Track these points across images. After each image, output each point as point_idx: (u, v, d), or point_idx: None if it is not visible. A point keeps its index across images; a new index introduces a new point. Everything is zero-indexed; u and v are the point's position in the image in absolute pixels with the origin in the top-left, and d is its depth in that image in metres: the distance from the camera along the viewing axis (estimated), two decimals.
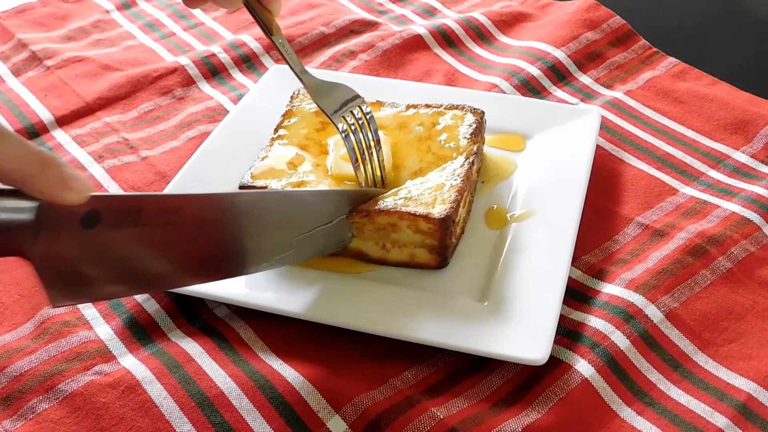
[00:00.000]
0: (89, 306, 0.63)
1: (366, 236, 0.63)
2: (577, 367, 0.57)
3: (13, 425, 0.55)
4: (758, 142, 0.76)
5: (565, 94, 0.83)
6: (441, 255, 0.62)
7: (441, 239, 0.61)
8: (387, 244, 0.63)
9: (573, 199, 0.67)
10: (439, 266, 0.63)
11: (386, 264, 0.63)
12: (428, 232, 0.61)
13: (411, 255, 0.63)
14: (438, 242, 0.61)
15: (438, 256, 0.62)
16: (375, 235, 0.62)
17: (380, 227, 0.62)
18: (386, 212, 0.61)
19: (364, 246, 0.63)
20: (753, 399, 0.56)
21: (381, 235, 0.62)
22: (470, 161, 0.66)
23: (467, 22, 0.93)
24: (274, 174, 0.66)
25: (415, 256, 0.63)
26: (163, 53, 0.92)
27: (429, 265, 0.63)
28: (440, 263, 0.63)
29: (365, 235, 0.63)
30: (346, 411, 0.55)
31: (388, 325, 0.58)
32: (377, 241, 0.63)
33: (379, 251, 0.63)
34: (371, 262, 0.64)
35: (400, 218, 0.61)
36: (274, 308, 0.60)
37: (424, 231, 0.61)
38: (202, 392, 0.56)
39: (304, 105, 0.73)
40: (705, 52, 0.90)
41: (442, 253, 0.62)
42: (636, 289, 0.62)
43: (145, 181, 0.74)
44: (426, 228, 0.61)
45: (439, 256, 0.62)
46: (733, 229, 0.67)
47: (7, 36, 0.94)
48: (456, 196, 0.63)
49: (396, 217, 0.61)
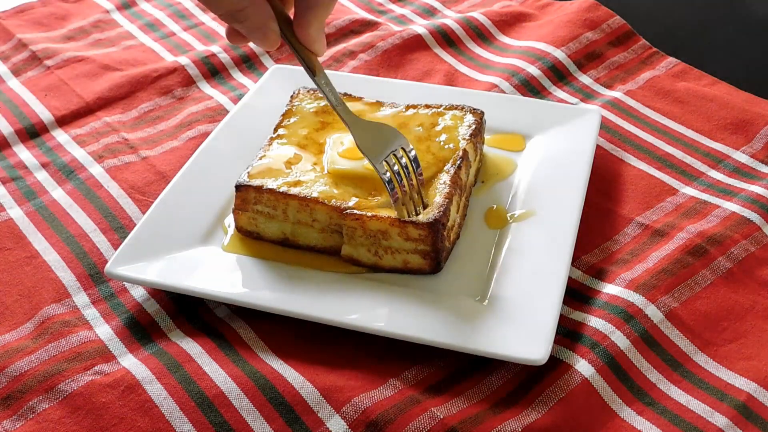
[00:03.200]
0: (89, 306, 0.63)
1: (357, 242, 0.62)
2: (577, 367, 0.57)
3: (13, 425, 0.55)
4: (758, 142, 0.76)
5: (565, 94, 0.83)
6: (434, 260, 0.62)
7: (433, 244, 0.61)
8: (379, 250, 0.62)
9: (573, 199, 0.67)
10: (432, 271, 0.63)
11: (380, 270, 0.63)
12: (419, 238, 0.61)
13: (404, 261, 0.62)
14: (430, 247, 0.61)
15: (431, 261, 0.62)
16: (366, 241, 0.62)
17: (371, 234, 0.62)
18: (377, 218, 0.61)
19: (356, 252, 0.63)
20: (753, 399, 0.56)
21: (372, 241, 0.62)
22: (456, 166, 0.65)
23: (467, 22, 0.93)
24: (271, 173, 0.66)
25: (408, 262, 0.62)
26: (163, 53, 0.92)
27: (423, 270, 0.63)
28: (434, 268, 0.62)
29: (356, 241, 0.62)
30: (346, 411, 0.55)
31: (388, 325, 0.58)
32: (369, 248, 0.63)
33: (371, 258, 0.63)
34: (365, 268, 0.64)
35: (391, 224, 0.61)
36: (274, 308, 0.60)
37: (415, 238, 0.61)
38: (202, 392, 0.56)
39: (303, 105, 0.73)
40: (705, 52, 0.90)
41: (435, 258, 0.62)
42: (636, 289, 0.62)
43: (145, 181, 0.74)
44: (416, 234, 0.61)
45: (432, 261, 0.62)
46: (733, 229, 0.67)
47: (7, 36, 0.94)
48: (444, 200, 0.62)
49: (387, 223, 0.61)
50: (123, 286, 0.65)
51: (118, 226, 0.70)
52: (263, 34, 0.57)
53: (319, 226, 0.64)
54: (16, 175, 0.76)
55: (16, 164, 0.77)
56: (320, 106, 0.73)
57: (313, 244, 0.65)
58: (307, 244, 0.65)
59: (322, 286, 0.62)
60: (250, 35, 0.57)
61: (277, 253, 0.65)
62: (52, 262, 0.67)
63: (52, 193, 0.74)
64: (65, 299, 0.64)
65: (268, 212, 0.65)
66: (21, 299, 0.64)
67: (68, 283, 0.65)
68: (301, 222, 0.64)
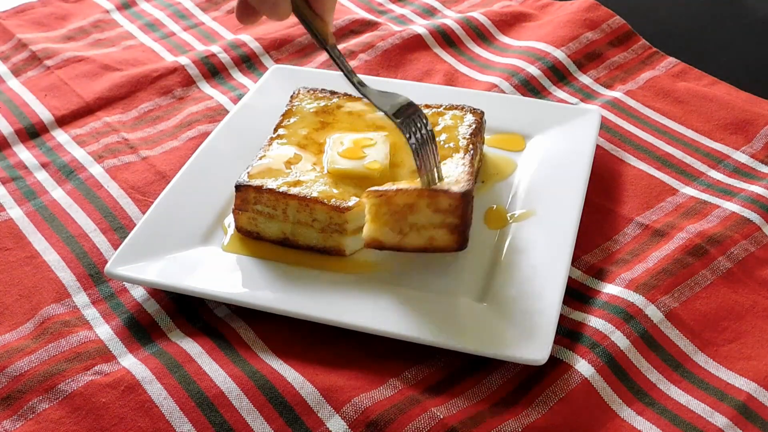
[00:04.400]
0: (89, 306, 0.63)
1: (381, 221, 0.61)
2: (577, 367, 0.57)
3: (13, 425, 0.55)
4: (758, 142, 0.76)
5: (565, 94, 0.83)
6: (462, 234, 0.61)
7: (462, 216, 0.60)
8: (404, 228, 0.61)
9: (573, 199, 0.67)
10: (459, 247, 0.61)
11: (403, 250, 0.62)
12: (449, 209, 0.60)
13: (430, 238, 0.61)
14: (460, 219, 0.60)
15: (459, 236, 0.61)
16: (391, 219, 0.61)
17: (397, 210, 0.61)
18: (404, 192, 0.60)
19: (379, 233, 0.61)
20: (753, 399, 0.56)
21: (397, 218, 0.61)
22: (470, 153, 0.66)
23: (467, 22, 0.93)
24: (271, 173, 0.66)
25: (434, 239, 0.61)
26: (163, 53, 0.92)
27: (449, 247, 0.61)
28: (461, 244, 0.61)
29: (381, 219, 0.61)
30: (346, 411, 0.55)
31: (388, 324, 0.58)
32: (393, 226, 0.61)
33: (395, 237, 0.61)
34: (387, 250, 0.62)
35: (419, 196, 0.60)
36: (274, 308, 0.60)
37: (444, 209, 0.60)
38: (202, 392, 0.56)
39: (303, 105, 0.73)
40: (705, 52, 0.90)
41: (463, 232, 0.61)
42: (636, 289, 0.62)
43: (145, 181, 0.74)
44: (446, 205, 0.60)
45: (460, 236, 0.61)
46: (733, 229, 0.67)
47: (7, 36, 0.94)
48: (469, 175, 0.62)
49: (415, 195, 0.60)
50: (123, 286, 0.65)
51: (118, 226, 0.70)
52: (274, 4, 0.57)
53: (319, 226, 0.64)
54: (16, 175, 0.76)
55: (16, 164, 0.77)
56: (320, 106, 0.73)
57: (313, 244, 0.65)
58: (307, 244, 0.65)
59: (322, 286, 0.62)
60: (261, 6, 0.57)
61: (277, 253, 0.65)
62: (52, 262, 0.67)
63: (52, 193, 0.74)
64: (65, 299, 0.64)
65: (268, 212, 0.65)
66: (21, 299, 0.64)
67: (68, 283, 0.65)
68: (301, 222, 0.64)
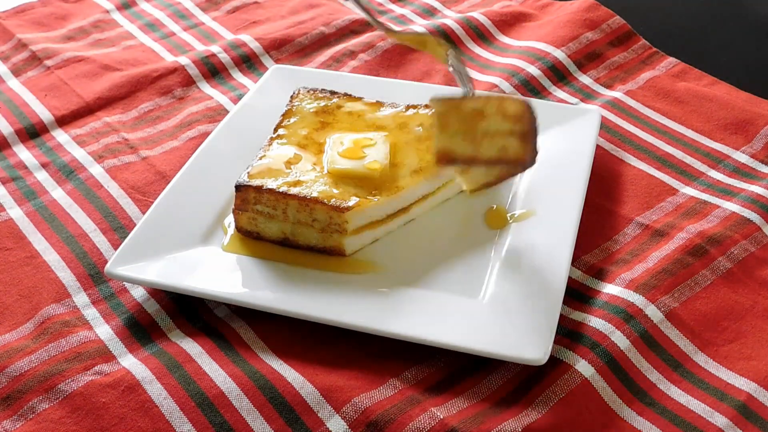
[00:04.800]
0: (89, 306, 0.63)
1: (452, 130, 0.61)
2: (578, 367, 0.57)
3: (13, 425, 0.55)
4: (758, 142, 0.76)
5: (565, 94, 0.83)
6: (532, 144, 0.61)
7: (531, 123, 0.60)
8: (476, 135, 0.61)
9: (573, 199, 0.67)
10: (531, 160, 0.61)
11: (477, 164, 0.62)
12: (516, 115, 0.60)
13: (502, 147, 0.61)
14: (529, 126, 0.60)
15: (530, 146, 0.61)
16: (462, 127, 0.61)
17: (466, 116, 0.60)
18: (471, 98, 0.60)
19: (452, 143, 0.61)
20: (753, 399, 0.56)
21: (467, 126, 0.60)
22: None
23: (467, 22, 0.93)
24: (271, 173, 0.66)
25: (507, 149, 0.61)
26: (163, 53, 0.92)
27: (520, 159, 0.61)
28: (532, 156, 0.61)
29: (450, 128, 0.61)
30: (346, 411, 0.55)
31: (388, 324, 0.58)
32: (465, 135, 0.61)
33: (468, 147, 0.61)
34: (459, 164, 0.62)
35: (487, 101, 0.60)
36: (274, 308, 0.60)
37: (512, 114, 0.60)
38: (202, 392, 0.56)
39: (303, 105, 0.73)
40: (705, 52, 0.90)
41: (533, 141, 0.61)
42: (636, 289, 0.62)
43: (145, 181, 0.74)
44: (513, 110, 0.60)
45: (530, 146, 0.61)
46: (733, 229, 0.67)
47: (7, 36, 0.94)
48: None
49: (483, 100, 0.60)
50: (123, 286, 0.65)
51: (118, 226, 0.70)
52: None
53: (319, 226, 0.64)
54: (16, 175, 0.76)
55: (16, 164, 0.77)
56: (320, 106, 0.73)
57: (313, 244, 0.65)
58: (307, 244, 0.65)
59: (322, 286, 0.62)
60: None
61: (277, 253, 0.65)
62: (52, 262, 0.67)
63: (52, 193, 0.74)
64: (65, 299, 0.64)
65: (268, 212, 0.65)
66: (21, 299, 0.64)
67: (68, 283, 0.65)
68: (301, 222, 0.64)
